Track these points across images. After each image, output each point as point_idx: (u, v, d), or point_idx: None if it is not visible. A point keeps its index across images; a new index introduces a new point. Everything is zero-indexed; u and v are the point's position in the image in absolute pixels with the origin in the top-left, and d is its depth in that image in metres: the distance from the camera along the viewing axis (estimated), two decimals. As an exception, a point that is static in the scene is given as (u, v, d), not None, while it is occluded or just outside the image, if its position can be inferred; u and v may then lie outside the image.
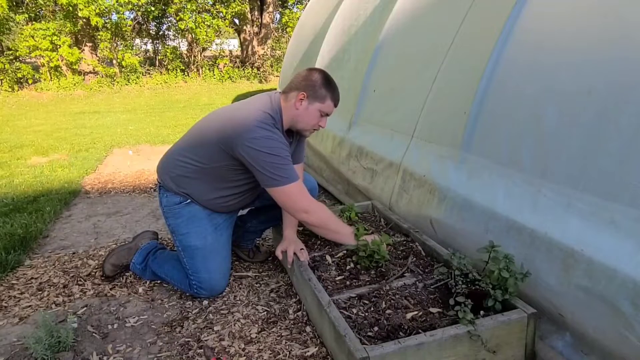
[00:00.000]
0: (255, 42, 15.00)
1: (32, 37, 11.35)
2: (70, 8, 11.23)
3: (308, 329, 1.74)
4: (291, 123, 1.88)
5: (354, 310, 1.56)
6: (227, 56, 15.23)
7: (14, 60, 11.79)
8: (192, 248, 1.92)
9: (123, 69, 12.71)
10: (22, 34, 11.73)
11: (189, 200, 1.94)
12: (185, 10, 12.54)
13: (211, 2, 13.52)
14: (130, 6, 12.09)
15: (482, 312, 1.43)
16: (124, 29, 12.56)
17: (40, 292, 2.08)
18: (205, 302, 1.95)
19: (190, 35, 13.13)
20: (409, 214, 2.24)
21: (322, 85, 1.82)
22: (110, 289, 2.08)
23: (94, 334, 1.74)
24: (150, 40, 14.56)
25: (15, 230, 2.69)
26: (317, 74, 1.84)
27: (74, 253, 2.48)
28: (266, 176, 1.73)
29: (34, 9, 12.33)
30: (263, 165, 1.72)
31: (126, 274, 2.20)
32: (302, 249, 1.91)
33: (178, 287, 2.02)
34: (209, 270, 1.92)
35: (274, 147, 1.73)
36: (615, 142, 1.35)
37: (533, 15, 1.78)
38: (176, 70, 13.44)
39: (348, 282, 1.77)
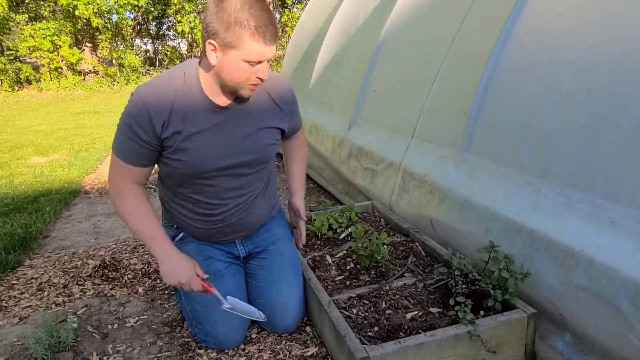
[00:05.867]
0: (255, 42, 14.99)
1: (32, 37, 11.37)
2: (71, 9, 11.25)
3: (308, 329, 1.74)
4: (221, 83, 1.40)
5: (354, 310, 1.56)
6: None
7: (14, 60, 11.81)
8: (192, 295, 1.59)
9: (123, 69, 12.72)
10: (22, 34, 11.75)
11: (181, 234, 1.71)
12: (184, 11, 12.55)
13: (211, 2, 13.52)
14: (129, 7, 12.12)
15: (482, 312, 1.42)
16: (123, 30, 12.58)
17: (40, 292, 2.08)
18: (205, 302, 1.95)
19: (190, 35, 13.15)
20: (409, 214, 2.24)
21: (230, 24, 1.24)
22: (110, 289, 2.08)
23: (94, 334, 1.74)
24: (150, 40, 14.58)
25: (15, 230, 2.69)
26: (224, 4, 1.25)
27: (74, 253, 2.48)
28: None
29: (34, 9, 12.35)
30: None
31: (126, 273, 2.20)
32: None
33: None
34: (212, 322, 1.59)
35: (125, 117, 1.42)
36: (615, 142, 1.35)
37: (533, 15, 1.78)
38: (176, 70, 13.43)
39: (348, 282, 1.77)
